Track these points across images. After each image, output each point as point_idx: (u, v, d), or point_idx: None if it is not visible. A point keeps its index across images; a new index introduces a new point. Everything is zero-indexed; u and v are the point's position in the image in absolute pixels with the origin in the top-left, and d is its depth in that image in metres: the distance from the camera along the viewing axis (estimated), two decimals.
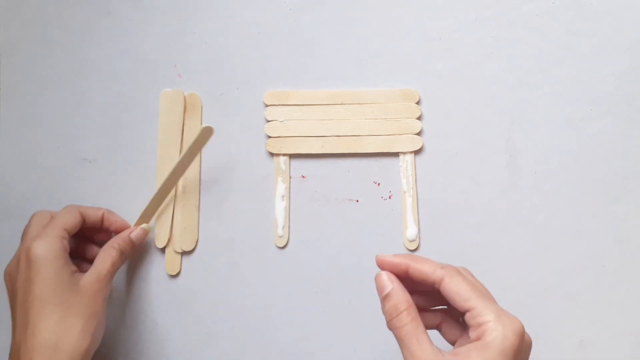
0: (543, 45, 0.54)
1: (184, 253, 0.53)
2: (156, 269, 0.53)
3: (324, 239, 0.53)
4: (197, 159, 0.53)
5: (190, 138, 0.53)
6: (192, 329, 0.52)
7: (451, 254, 0.52)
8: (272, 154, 0.53)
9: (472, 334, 0.38)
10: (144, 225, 0.51)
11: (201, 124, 0.54)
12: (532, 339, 0.39)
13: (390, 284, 0.40)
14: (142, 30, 0.55)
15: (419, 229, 0.52)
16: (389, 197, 0.53)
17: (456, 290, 0.38)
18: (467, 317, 0.38)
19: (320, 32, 0.54)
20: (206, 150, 0.54)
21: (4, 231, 0.54)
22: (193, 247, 0.53)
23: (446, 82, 0.54)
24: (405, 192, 0.53)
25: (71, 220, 0.47)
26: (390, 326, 0.40)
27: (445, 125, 0.53)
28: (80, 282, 0.45)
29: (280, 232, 0.53)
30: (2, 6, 0.55)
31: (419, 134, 0.53)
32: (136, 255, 0.53)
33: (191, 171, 0.53)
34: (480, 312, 0.37)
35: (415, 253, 0.52)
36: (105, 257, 0.47)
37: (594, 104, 0.53)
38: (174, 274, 0.53)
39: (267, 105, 0.53)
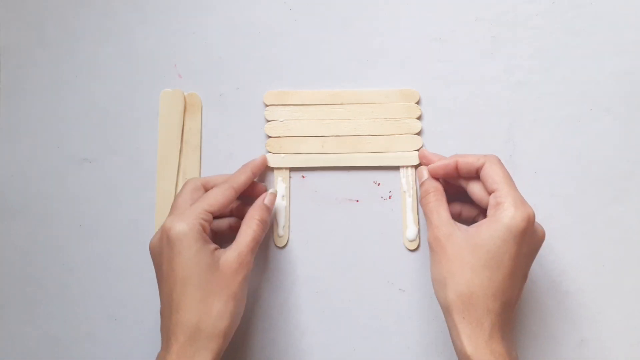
0: (543, 45, 0.54)
1: None
2: None
3: (324, 239, 0.53)
4: (197, 158, 0.53)
5: (190, 138, 0.53)
6: None
7: None
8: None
9: (490, 212, 0.45)
10: (272, 190, 0.51)
11: (201, 124, 0.54)
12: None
13: (426, 174, 0.50)
14: (142, 30, 0.55)
15: (419, 229, 0.52)
16: (389, 197, 0.53)
17: (491, 173, 0.46)
18: (491, 197, 0.45)
19: (320, 32, 0.54)
20: (206, 150, 0.54)
21: (4, 231, 0.54)
22: None
23: (446, 82, 0.54)
24: (405, 191, 0.53)
25: (220, 201, 0.47)
26: (422, 204, 0.48)
27: (445, 125, 0.53)
28: (220, 260, 0.45)
29: (280, 232, 0.53)
30: (2, 6, 0.55)
31: (418, 134, 0.53)
32: (130, 251, 0.53)
33: (190, 170, 0.53)
34: (501, 194, 0.44)
35: (415, 253, 0.52)
36: (247, 231, 0.47)
37: (594, 104, 0.53)
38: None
39: (267, 105, 0.53)
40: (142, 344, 0.52)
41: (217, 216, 0.48)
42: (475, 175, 0.47)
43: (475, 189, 0.48)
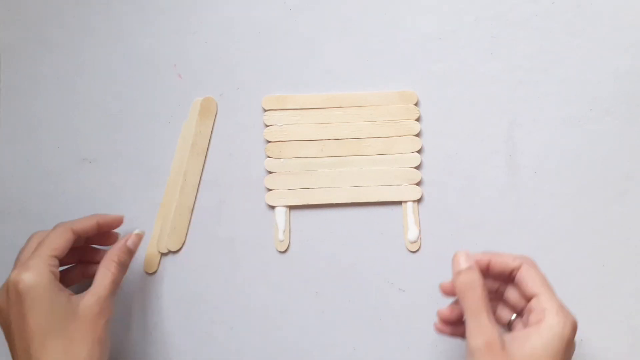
0: (543, 45, 0.54)
1: (171, 252, 0.53)
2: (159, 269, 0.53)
3: (325, 240, 0.53)
4: (200, 162, 0.53)
5: (198, 141, 0.53)
6: (192, 329, 0.52)
7: (452, 255, 0.52)
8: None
9: (533, 317, 0.41)
10: (137, 231, 0.49)
11: (213, 127, 0.53)
12: None
13: (468, 262, 0.43)
14: (142, 30, 0.55)
15: (419, 231, 0.52)
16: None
17: (530, 276, 0.43)
18: (533, 302, 0.42)
19: (319, 33, 0.54)
20: (208, 149, 0.54)
21: (3, 231, 0.54)
22: (179, 247, 0.53)
23: (446, 83, 0.54)
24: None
25: (59, 243, 0.44)
26: (466, 296, 0.42)
27: (445, 126, 0.53)
28: (79, 306, 0.43)
29: (281, 236, 0.53)
30: (2, 6, 0.55)
31: (418, 135, 0.53)
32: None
33: (192, 172, 0.53)
34: (546, 299, 0.41)
35: (417, 254, 0.52)
36: (105, 274, 0.45)
37: (594, 104, 0.53)
38: (152, 272, 0.53)
39: (265, 110, 0.53)
40: (142, 344, 0.52)
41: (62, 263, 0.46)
42: (509, 277, 0.44)
43: (510, 293, 0.45)
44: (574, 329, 0.41)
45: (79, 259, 0.50)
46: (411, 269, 0.52)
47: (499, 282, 0.45)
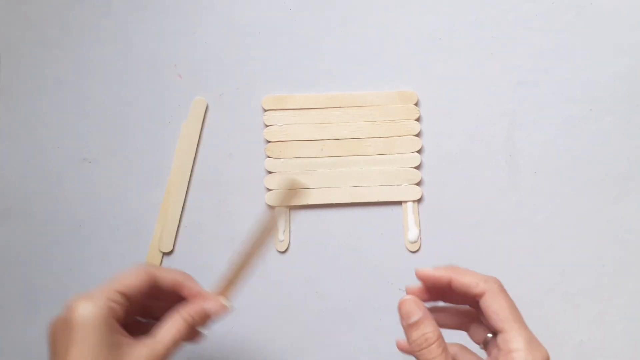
0: (543, 45, 0.54)
1: (172, 252, 0.53)
2: None
3: (325, 240, 0.53)
4: (189, 159, 0.53)
5: (185, 142, 0.53)
6: None
7: (452, 254, 0.52)
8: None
9: (502, 357, 0.37)
10: (224, 301, 0.42)
11: (202, 128, 0.54)
12: (535, 333, 0.40)
13: (419, 311, 0.38)
14: (142, 30, 0.55)
15: (420, 231, 0.52)
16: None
17: (495, 308, 0.38)
18: (499, 339, 0.38)
19: (319, 33, 0.54)
20: (206, 150, 0.54)
21: (3, 231, 0.54)
22: (171, 249, 0.53)
23: (446, 83, 0.54)
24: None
25: (131, 281, 0.39)
26: (419, 356, 0.38)
27: (445, 126, 0.53)
28: (129, 356, 0.37)
29: (281, 236, 0.53)
30: (2, 6, 0.55)
31: (418, 135, 0.53)
32: (130, 251, 0.53)
33: (180, 173, 0.53)
34: (512, 338, 0.37)
35: (417, 254, 0.52)
36: (170, 329, 0.39)
37: (594, 104, 0.53)
38: None
39: (265, 110, 0.53)
40: None
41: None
42: (471, 301, 0.40)
43: (475, 329, 0.41)
44: None
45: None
46: (411, 268, 0.52)
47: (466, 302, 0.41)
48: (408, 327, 0.38)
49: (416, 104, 0.53)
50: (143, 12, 0.55)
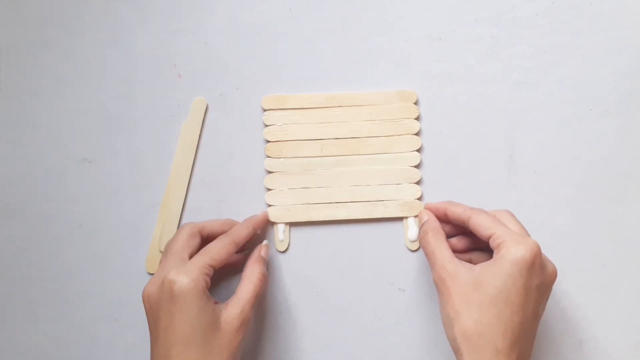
0: (543, 45, 0.54)
1: None
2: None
3: (325, 240, 0.53)
4: (189, 159, 0.53)
5: (185, 142, 0.53)
6: None
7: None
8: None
9: (494, 255, 0.43)
10: (265, 242, 0.52)
11: (202, 128, 0.54)
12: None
13: (426, 215, 0.50)
14: (142, 30, 0.55)
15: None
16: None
17: (479, 222, 0.45)
18: (490, 243, 0.44)
19: (319, 33, 0.54)
20: (206, 150, 0.54)
21: (3, 231, 0.54)
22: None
23: (446, 82, 0.54)
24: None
25: (221, 255, 0.46)
26: (422, 246, 0.48)
27: (445, 126, 0.53)
28: (222, 318, 0.44)
29: (281, 236, 0.53)
30: (2, 6, 0.55)
31: (417, 134, 0.53)
32: (130, 251, 0.53)
33: (180, 173, 0.53)
34: (499, 235, 0.43)
35: (416, 254, 0.53)
36: (249, 286, 0.46)
37: (594, 104, 0.53)
38: (153, 272, 0.53)
39: (265, 110, 0.53)
40: (142, 344, 0.52)
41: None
42: (465, 226, 0.47)
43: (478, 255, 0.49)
44: (531, 251, 0.42)
45: None
46: (411, 268, 0.52)
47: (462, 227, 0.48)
48: (420, 227, 0.50)
49: (416, 103, 0.53)
50: (143, 12, 0.55)
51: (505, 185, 0.53)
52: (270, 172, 0.53)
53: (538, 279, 0.42)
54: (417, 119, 0.53)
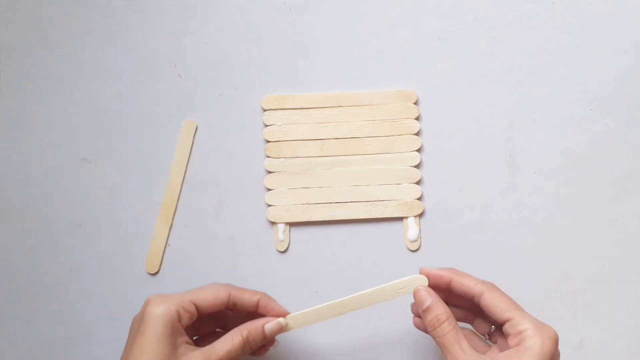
0: (543, 45, 0.54)
1: (171, 252, 0.53)
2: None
3: (325, 240, 0.53)
4: (183, 169, 0.53)
5: (185, 142, 0.53)
6: None
7: (452, 254, 0.52)
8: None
9: (512, 341, 0.42)
10: (280, 320, 0.45)
11: (191, 147, 0.54)
12: None
13: (430, 297, 0.44)
14: (142, 30, 0.55)
15: (420, 230, 0.52)
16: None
17: (496, 303, 0.43)
18: (507, 326, 0.42)
19: (319, 33, 0.54)
20: (206, 149, 0.54)
21: (3, 231, 0.54)
22: (157, 270, 0.53)
23: (446, 82, 0.54)
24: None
25: (207, 299, 0.44)
26: (434, 335, 0.44)
27: (445, 126, 0.53)
28: (184, 357, 0.41)
29: (281, 236, 0.53)
30: (2, 6, 0.55)
31: (417, 134, 0.53)
32: (130, 250, 0.53)
33: (180, 173, 0.53)
34: (519, 322, 0.42)
35: (417, 253, 0.52)
36: (226, 341, 0.43)
37: (594, 104, 0.53)
38: (154, 272, 0.53)
39: (265, 110, 0.53)
40: None
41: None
42: (468, 301, 0.45)
43: (479, 323, 0.47)
44: (553, 341, 0.41)
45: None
46: (411, 268, 0.52)
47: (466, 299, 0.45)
48: (423, 312, 0.44)
49: (415, 103, 0.53)
50: (143, 12, 0.55)
51: (505, 185, 0.53)
52: (270, 172, 0.53)
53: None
54: (417, 119, 0.53)
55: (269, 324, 0.45)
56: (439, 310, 0.44)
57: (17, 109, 0.54)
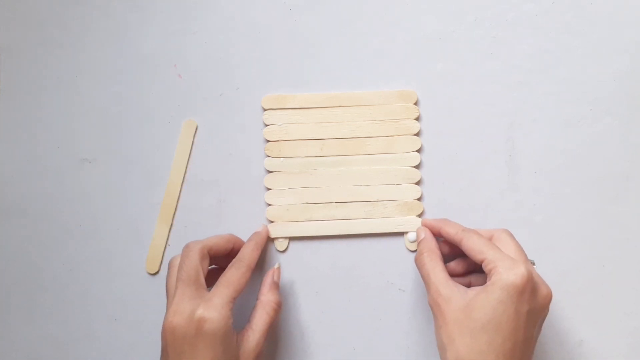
0: (543, 45, 0.54)
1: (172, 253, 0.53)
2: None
3: (325, 240, 0.53)
4: (183, 169, 0.53)
5: (185, 142, 0.53)
6: None
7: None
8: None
9: (487, 281, 0.43)
10: (277, 265, 0.51)
11: (191, 147, 0.54)
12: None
13: (423, 233, 0.49)
14: (142, 30, 0.55)
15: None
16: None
17: (471, 246, 0.45)
18: (483, 267, 0.44)
19: (319, 33, 0.54)
20: (206, 149, 0.54)
21: (3, 231, 0.54)
22: (157, 270, 0.53)
23: (446, 82, 0.54)
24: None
25: (242, 286, 0.46)
26: (417, 266, 0.48)
27: (445, 126, 0.53)
28: (240, 350, 0.45)
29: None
30: (2, 6, 0.55)
31: (417, 134, 0.53)
32: (130, 250, 0.53)
33: (180, 173, 0.53)
34: (490, 260, 0.43)
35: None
36: (264, 317, 0.47)
37: (594, 104, 0.53)
38: (154, 272, 0.53)
39: (265, 110, 0.53)
40: (142, 344, 0.52)
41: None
42: (458, 246, 0.47)
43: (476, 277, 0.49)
44: (521, 277, 0.42)
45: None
46: (411, 269, 0.52)
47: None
48: (417, 244, 0.49)
49: (416, 103, 0.53)
50: (143, 12, 0.55)
51: (505, 185, 0.53)
52: (270, 172, 0.53)
53: (529, 304, 0.42)
54: (417, 119, 0.53)
55: (275, 276, 0.49)
56: (424, 244, 0.48)
57: (17, 109, 0.54)
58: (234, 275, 0.46)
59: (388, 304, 0.52)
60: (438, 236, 0.49)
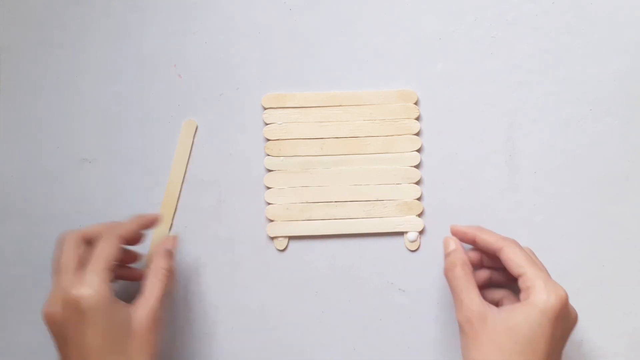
0: (543, 45, 0.54)
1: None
2: None
3: (325, 240, 0.53)
4: (183, 169, 0.53)
5: (185, 142, 0.53)
6: (192, 329, 0.52)
7: None
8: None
9: (522, 296, 0.43)
10: (172, 235, 0.51)
11: (191, 147, 0.54)
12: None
13: (453, 244, 0.48)
14: (142, 30, 0.55)
15: (419, 230, 0.53)
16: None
17: (512, 257, 0.45)
18: (519, 282, 0.44)
19: (319, 33, 0.54)
20: (205, 149, 0.54)
21: (4, 231, 0.54)
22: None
23: (446, 82, 0.54)
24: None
25: (112, 254, 0.44)
26: (448, 278, 0.47)
27: (445, 126, 0.53)
28: (133, 319, 0.43)
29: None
30: (2, 6, 0.55)
31: (417, 134, 0.53)
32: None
33: (180, 173, 0.53)
34: (530, 278, 0.43)
35: (416, 254, 0.52)
36: (155, 283, 0.46)
37: (594, 104, 0.53)
38: None
39: (265, 108, 0.53)
40: None
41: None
42: (494, 256, 0.47)
43: (498, 274, 0.49)
44: (560, 299, 0.42)
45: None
46: (411, 269, 0.52)
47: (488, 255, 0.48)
48: (445, 256, 0.48)
49: (416, 103, 0.53)
50: (143, 12, 0.55)
51: (505, 185, 0.53)
52: (270, 171, 0.53)
53: (562, 327, 0.43)
54: (417, 119, 0.53)
55: (168, 244, 0.49)
56: (457, 255, 0.47)
57: (17, 109, 0.54)
58: (102, 247, 0.44)
59: (388, 304, 0.52)
60: (470, 243, 0.49)
